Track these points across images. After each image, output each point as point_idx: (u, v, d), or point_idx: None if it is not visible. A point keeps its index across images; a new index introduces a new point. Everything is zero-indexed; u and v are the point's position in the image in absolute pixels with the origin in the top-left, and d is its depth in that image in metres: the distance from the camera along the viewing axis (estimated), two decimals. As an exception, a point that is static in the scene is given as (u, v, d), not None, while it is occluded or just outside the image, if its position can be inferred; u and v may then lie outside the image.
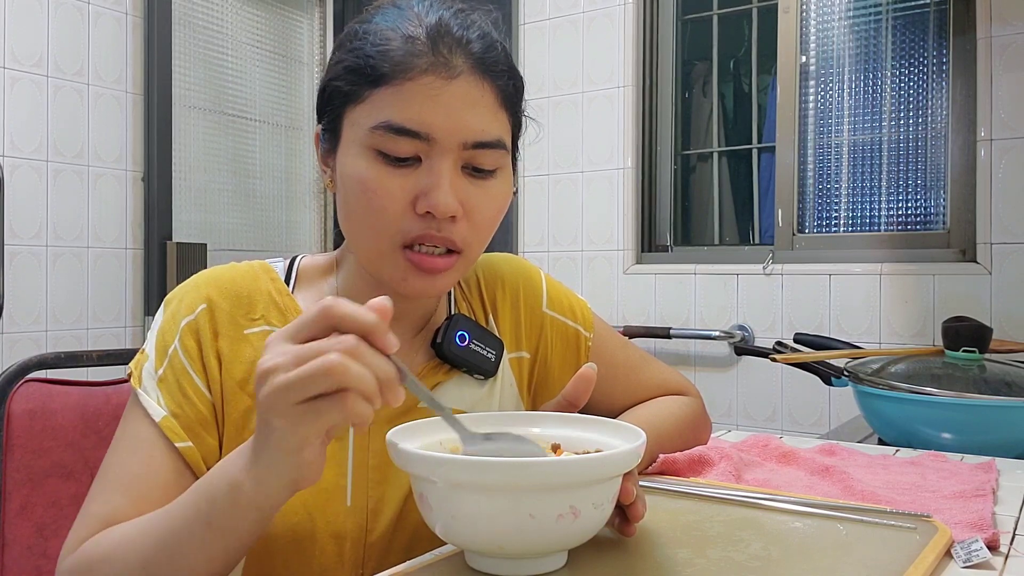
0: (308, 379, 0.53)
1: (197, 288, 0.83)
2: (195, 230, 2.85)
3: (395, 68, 0.74)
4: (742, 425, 2.48)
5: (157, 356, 0.79)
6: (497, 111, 0.78)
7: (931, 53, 2.38)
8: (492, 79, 0.77)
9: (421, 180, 0.75)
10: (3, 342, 2.37)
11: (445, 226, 0.75)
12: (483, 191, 0.78)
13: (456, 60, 0.75)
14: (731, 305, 2.51)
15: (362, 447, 0.80)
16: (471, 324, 0.86)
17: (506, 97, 0.79)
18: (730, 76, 2.95)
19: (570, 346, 0.93)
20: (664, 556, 0.64)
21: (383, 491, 0.80)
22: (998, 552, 0.69)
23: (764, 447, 1.04)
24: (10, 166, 2.37)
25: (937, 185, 2.36)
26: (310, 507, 0.77)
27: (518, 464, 0.56)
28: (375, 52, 0.75)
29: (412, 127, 0.73)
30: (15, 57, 2.39)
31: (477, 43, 0.76)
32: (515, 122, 0.82)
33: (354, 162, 0.76)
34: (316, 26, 3.33)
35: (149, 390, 0.77)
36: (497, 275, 0.93)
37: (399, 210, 0.75)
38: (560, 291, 0.96)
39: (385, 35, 0.75)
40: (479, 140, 0.75)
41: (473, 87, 0.75)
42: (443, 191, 0.74)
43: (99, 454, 1.05)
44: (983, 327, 1.39)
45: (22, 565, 0.99)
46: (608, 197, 2.72)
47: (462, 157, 0.76)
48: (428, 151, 0.74)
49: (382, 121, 0.74)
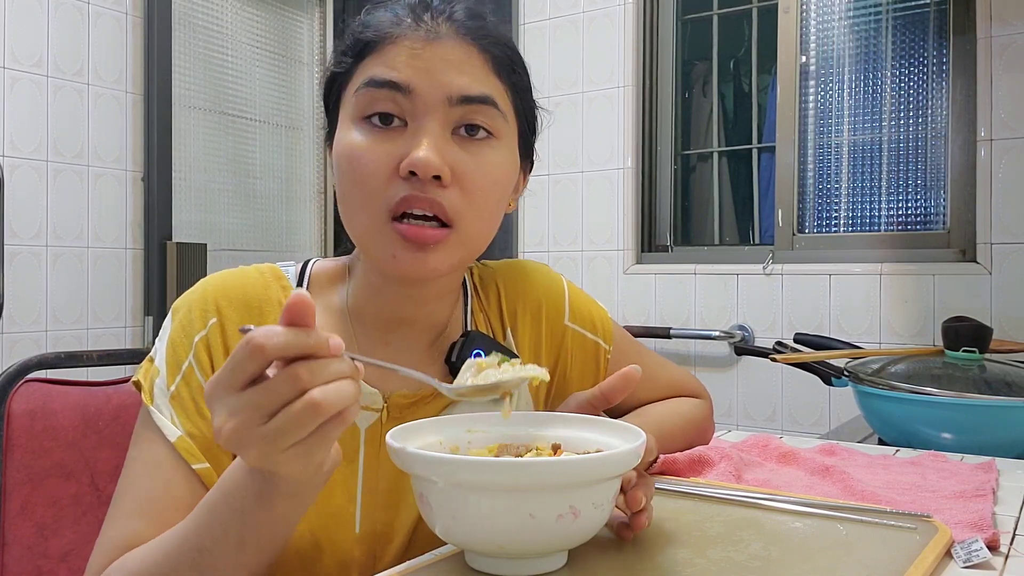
0: (295, 426, 0.50)
1: (206, 298, 0.78)
2: (195, 230, 2.85)
3: (377, 36, 0.74)
4: (742, 425, 2.48)
5: (169, 371, 0.75)
6: (487, 75, 0.75)
7: (931, 53, 2.38)
8: (479, 44, 0.75)
9: (407, 143, 0.72)
10: (3, 342, 2.37)
11: (430, 188, 0.71)
12: (476, 158, 0.74)
13: (440, 27, 0.74)
14: (731, 305, 2.51)
15: (372, 469, 0.77)
16: (488, 341, 0.82)
17: (498, 63, 0.76)
18: (730, 76, 2.95)
19: (589, 359, 0.91)
20: (664, 556, 0.64)
21: (393, 516, 0.77)
22: (998, 552, 0.69)
23: (764, 447, 1.04)
24: (10, 166, 2.37)
25: (937, 185, 2.36)
26: (317, 534, 0.74)
27: (518, 464, 0.56)
28: (359, 28, 0.76)
29: (392, 78, 0.72)
30: (15, 57, 2.39)
31: (460, 11, 0.76)
32: (516, 98, 0.79)
33: (343, 136, 0.75)
34: (316, 26, 3.33)
35: (162, 408, 0.74)
36: (519, 288, 0.90)
37: (384, 176, 0.72)
38: (582, 302, 0.93)
39: (372, 17, 0.77)
40: (465, 94, 0.73)
41: (458, 48, 0.74)
42: (424, 147, 0.71)
43: (99, 454, 1.05)
44: (983, 327, 1.39)
45: (22, 565, 0.99)
46: (608, 197, 2.72)
47: (451, 118, 0.73)
48: (413, 111, 0.72)
49: (364, 80, 0.73)
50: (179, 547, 0.63)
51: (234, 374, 0.51)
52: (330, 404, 0.51)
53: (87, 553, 0.76)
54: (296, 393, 0.50)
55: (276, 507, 0.58)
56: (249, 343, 0.50)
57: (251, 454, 0.52)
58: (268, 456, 0.52)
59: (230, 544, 0.60)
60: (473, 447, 0.70)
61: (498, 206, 0.78)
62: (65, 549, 1.01)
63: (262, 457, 0.52)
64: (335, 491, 0.76)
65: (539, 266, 0.94)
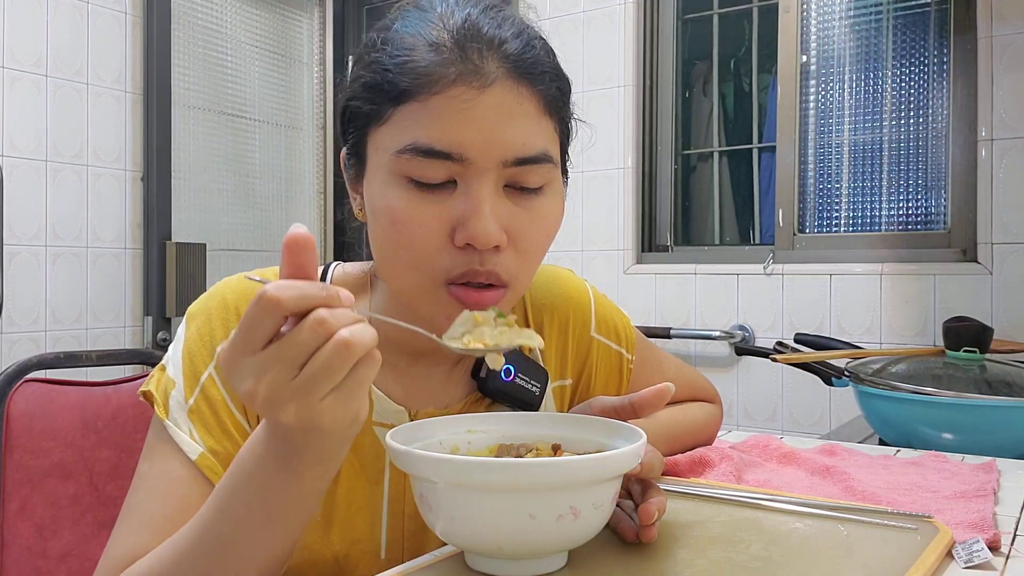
0: (329, 371, 0.49)
1: (226, 306, 0.74)
2: (195, 230, 2.84)
3: (418, 81, 0.65)
4: (742, 425, 2.48)
5: (187, 383, 0.71)
6: (540, 119, 0.68)
7: (932, 53, 2.37)
8: (531, 83, 0.67)
9: (458, 207, 0.66)
10: (2, 342, 2.36)
11: (489, 258, 0.66)
12: (530, 213, 0.68)
13: (489, 65, 0.65)
14: (731, 305, 2.51)
15: (398, 493, 0.75)
16: (517, 356, 0.80)
17: (550, 102, 0.69)
18: (730, 76, 2.94)
19: (613, 370, 0.90)
20: (664, 556, 0.64)
21: (421, 543, 0.74)
22: (999, 553, 0.69)
23: (765, 447, 1.04)
24: (9, 166, 2.37)
25: (938, 185, 2.36)
26: (341, 560, 0.72)
27: (518, 464, 0.56)
28: (394, 65, 0.66)
29: (442, 148, 0.64)
30: (14, 56, 2.39)
31: (512, 42, 0.67)
32: (562, 129, 0.73)
33: (382, 191, 0.67)
34: (316, 26, 3.33)
35: (180, 422, 0.69)
36: (546, 299, 0.87)
37: (436, 244, 0.66)
38: (607, 311, 0.91)
39: (405, 43, 0.67)
40: (521, 156, 0.66)
41: (510, 95, 0.66)
42: (483, 218, 0.64)
43: (98, 454, 1.05)
44: (984, 327, 1.39)
45: (22, 565, 0.99)
46: (608, 197, 2.72)
47: (503, 176, 0.67)
48: (463, 173, 0.66)
49: (408, 143, 0.65)
50: (196, 540, 0.60)
51: (251, 334, 0.49)
52: (360, 342, 0.49)
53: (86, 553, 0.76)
54: (324, 337, 0.49)
55: (304, 475, 0.56)
56: (263, 299, 0.49)
57: (289, 411, 0.50)
58: (307, 408, 0.50)
59: (255, 523, 0.58)
60: (473, 447, 0.70)
61: (548, 248, 0.74)
62: (64, 549, 1.01)
63: (301, 411, 0.50)
64: (359, 515, 0.74)
65: (564, 273, 0.91)
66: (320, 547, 0.73)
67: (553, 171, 0.70)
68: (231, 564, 0.59)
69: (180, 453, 0.69)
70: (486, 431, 0.71)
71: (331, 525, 0.73)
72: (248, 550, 0.59)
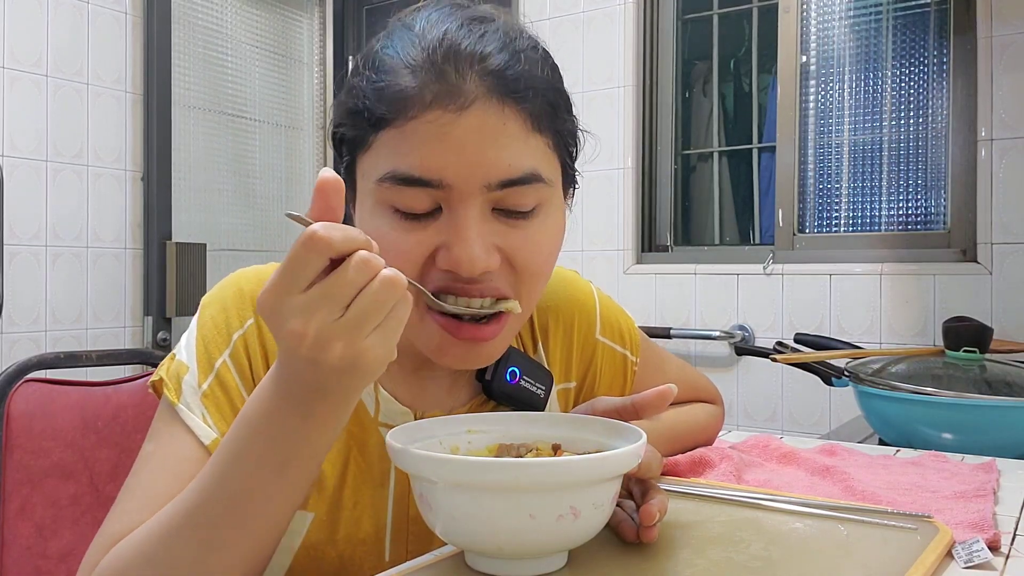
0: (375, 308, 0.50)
1: (242, 296, 0.73)
2: (195, 230, 2.84)
3: (394, 107, 0.63)
4: (742, 425, 2.48)
5: (200, 368, 0.70)
6: (527, 138, 0.65)
7: (931, 53, 2.37)
8: (517, 100, 0.64)
9: (442, 232, 0.64)
10: (3, 342, 2.36)
11: (476, 280, 0.65)
12: (523, 235, 0.66)
13: (468, 85, 0.62)
14: (731, 305, 2.51)
15: (403, 495, 0.74)
16: (522, 358, 0.79)
17: (539, 118, 0.66)
18: (730, 76, 2.94)
19: (617, 372, 0.90)
20: (664, 556, 0.64)
21: (425, 545, 0.74)
22: (999, 553, 0.69)
23: (764, 447, 1.04)
24: (10, 166, 2.37)
25: (937, 185, 2.36)
26: (345, 562, 0.72)
27: (518, 464, 0.56)
28: (372, 91, 0.65)
29: (421, 175, 0.62)
30: (14, 56, 2.39)
31: (495, 57, 0.64)
32: (559, 142, 0.69)
33: (370, 220, 0.66)
34: (316, 26, 3.33)
35: (192, 406, 0.68)
36: (551, 302, 0.86)
37: (417, 267, 0.65)
38: (611, 313, 0.90)
39: (385, 66, 0.65)
40: (506, 178, 0.64)
41: (491, 115, 0.63)
42: (468, 244, 0.63)
43: (99, 454, 1.05)
44: (984, 327, 1.39)
45: (22, 565, 0.99)
46: (608, 197, 2.72)
47: (489, 200, 0.64)
48: (447, 199, 0.64)
49: (387, 172, 0.63)
50: (200, 502, 0.58)
51: (298, 274, 0.50)
52: (401, 279, 0.51)
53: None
54: (369, 276, 0.50)
55: (328, 419, 0.56)
56: (313, 238, 0.50)
57: (335, 349, 0.51)
58: (352, 346, 0.51)
59: (269, 472, 0.56)
60: (473, 447, 0.70)
61: (552, 266, 0.72)
62: (64, 549, 1.01)
63: (347, 348, 0.51)
64: (364, 517, 0.74)
65: (570, 275, 0.90)
66: (325, 548, 0.73)
67: (546, 190, 0.67)
68: (246, 516, 0.58)
69: (190, 436, 0.68)
70: (486, 431, 0.71)
71: (336, 526, 0.73)
72: (261, 503, 0.58)
